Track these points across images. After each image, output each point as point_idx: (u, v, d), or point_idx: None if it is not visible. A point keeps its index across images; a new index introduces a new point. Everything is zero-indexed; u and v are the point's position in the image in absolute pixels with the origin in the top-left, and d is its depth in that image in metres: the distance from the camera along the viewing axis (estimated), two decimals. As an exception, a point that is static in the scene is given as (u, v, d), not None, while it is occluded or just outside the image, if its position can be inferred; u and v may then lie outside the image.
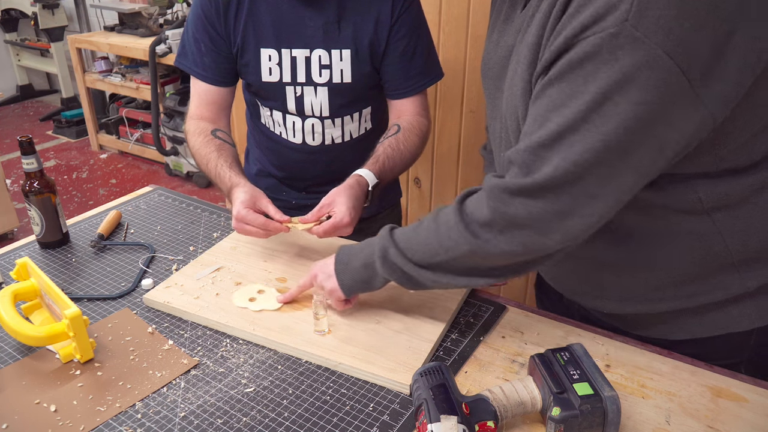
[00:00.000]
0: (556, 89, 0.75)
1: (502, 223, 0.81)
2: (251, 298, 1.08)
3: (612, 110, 0.71)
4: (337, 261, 1.01)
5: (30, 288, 1.03)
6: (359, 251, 0.98)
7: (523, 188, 0.78)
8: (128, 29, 3.94)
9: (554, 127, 0.75)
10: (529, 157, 0.78)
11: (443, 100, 2.15)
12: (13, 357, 0.97)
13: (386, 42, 1.28)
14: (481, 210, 0.83)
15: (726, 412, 0.84)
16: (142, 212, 1.42)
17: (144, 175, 3.99)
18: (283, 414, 0.85)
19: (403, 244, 0.92)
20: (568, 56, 0.72)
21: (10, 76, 5.24)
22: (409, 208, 2.36)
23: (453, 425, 0.73)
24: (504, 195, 0.80)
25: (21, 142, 1.19)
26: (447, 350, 0.97)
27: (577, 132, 0.73)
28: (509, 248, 0.82)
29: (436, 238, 0.88)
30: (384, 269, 0.94)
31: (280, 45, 1.27)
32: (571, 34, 0.71)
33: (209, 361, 0.95)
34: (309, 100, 1.31)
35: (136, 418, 0.85)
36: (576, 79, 0.72)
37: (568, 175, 0.75)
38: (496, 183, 0.81)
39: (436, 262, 0.89)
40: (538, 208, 0.78)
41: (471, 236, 0.84)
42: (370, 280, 0.97)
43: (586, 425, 0.76)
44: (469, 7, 1.97)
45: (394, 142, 1.29)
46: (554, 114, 0.75)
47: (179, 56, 1.36)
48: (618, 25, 0.67)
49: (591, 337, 0.99)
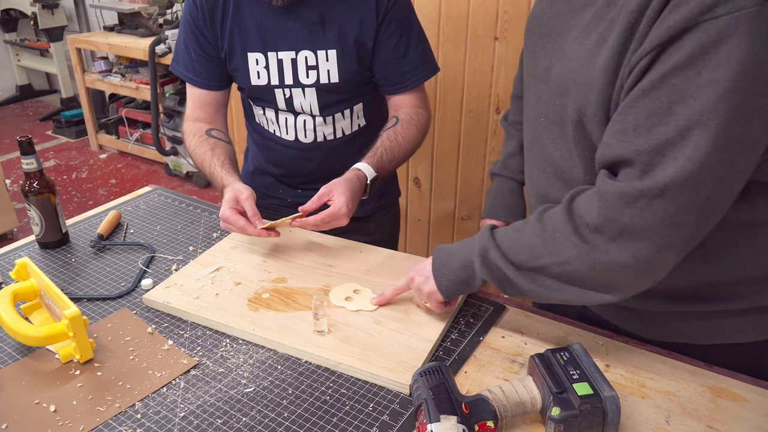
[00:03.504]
0: (682, 78, 0.68)
1: (614, 231, 0.75)
2: (347, 297, 1.07)
3: (744, 99, 0.65)
4: (434, 262, 0.96)
5: (29, 288, 1.03)
6: (457, 251, 0.94)
7: (642, 192, 0.72)
8: (128, 29, 3.94)
9: (682, 121, 0.68)
10: (657, 157, 0.71)
11: (443, 100, 2.15)
12: (13, 357, 0.97)
13: (375, 40, 1.27)
14: (590, 213, 0.77)
15: (726, 412, 0.84)
16: (142, 212, 1.41)
17: (144, 175, 3.99)
18: (282, 414, 0.85)
19: (504, 245, 0.87)
20: (693, 38, 0.66)
21: (9, 76, 5.24)
22: (409, 208, 2.36)
23: (453, 425, 0.73)
24: (619, 202, 0.74)
25: (20, 142, 1.19)
26: (447, 350, 0.97)
27: (706, 126, 0.67)
28: (619, 258, 0.76)
29: (541, 240, 0.83)
30: (483, 270, 0.89)
31: (265, 48, 1.27)
32: (697, 10, 0.64)
33: (209, 361, 0.95)
34: (298, 101, 1.31)
35: (136, 418, 0.85)
36: (707, 65, 0.65)
37: (694, 176, 0.69)
38: (612, 188, 0.75)
39: (539, 266, 0.83)
40: (657, 214, 0.72)
41: (580, 240, 0.78)
42: (469, 281, 0.92)
43: (585, 425, 0.76)
44: (469, 7, 1.97)
45: (393, 135, 1.30)
46: (681, 106, 0.68)
47: (173, 62, 1.39)
48: (759, 4, 0.61)
49: (591, 337, 0.99)
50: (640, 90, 0.73)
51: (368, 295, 1.08)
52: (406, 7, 1.31)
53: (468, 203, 2.25)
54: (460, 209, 2.27)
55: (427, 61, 1.35)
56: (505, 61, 1.98)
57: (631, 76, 0.74)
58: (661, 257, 0.76)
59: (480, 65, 2.03)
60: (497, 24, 1.95)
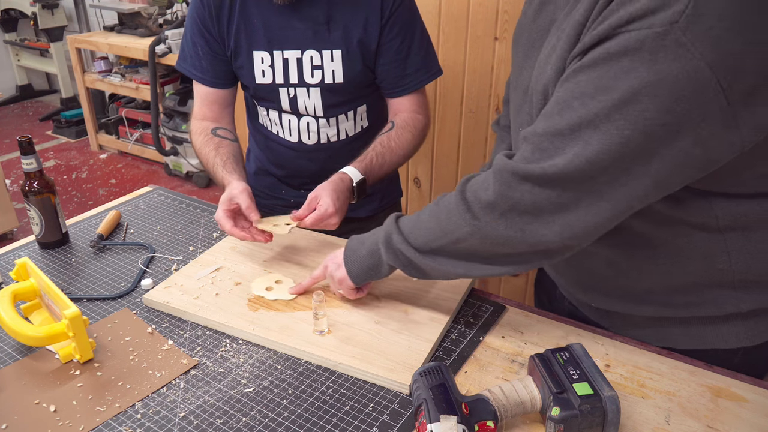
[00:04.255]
0: (586, 77, 0.71)
1: (505, 206, 0.80)
2: (268, 287, 1.10)
3: (638, 113, 0.68)
4: (346, 249, 1.01)
5: (29, 288, 1.03)
6: (367, 239, 0.99)
7: (531, 175, 0.76)
8: (128, 29, 3.94)
9: (575, 117, 0.72)
10: (544, 142, 0.75)
11: (443, 100, 2.15)
12: (13, 357, 0.97)
13: (378, 41, 1.27)
14: (486, 191, 0.82)
15: (726, 412, 0.84)
16: (142, 212, 1.41)
17: (143, 175, 3.98)
18: (282, 414, 0.85)
19: (406, 230, 0.92)
20: (606, 45, 0.69)
21: (9, 76, 5.24)
22: (409, 208, 2.36)
23: (453, 425, 0.73)
24: (512, 179, 0.78)
25: (20, 142, 1.19)
26: (447, 350, 0.97)
27: (597, 128, 0.70)
28: (507, 233, 0.81)
29: (437, 222, 0.88)
30: (388, 255, 0.94)
31: (271, 47, 1.27)
32: (616, 23, 0.67)
33: (209, 361, 0.95)
34: (302, 100, 1.31)
35: (136, 418, 0.85)
36: (608, 71, 0.69)
37: (579, 171, 0.73)
38: (505, 165, 0.79)
39: (437, 247, 0.88)
40: (543, 197, 0.76)
41: (471, 218, 0.83)
42: (377, 267, 0.97)
43: (585, 425, 0.76)
44: (469, 7, 1.97)
45: (386, 140, 1.30)
46: (578, 103, 0.72)
47: (180, 59, 1.38)
48: (666, 26, 0.63)
49: (591, 337, 0.99)
50: (558, 84, 0.77)
51: (289, 285, 1.10)
52: (411, 9, 1.31)
53: (468, 203, 2.24)
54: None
55: (430, 64, 1.35)
56: (505, 61, 1.98)
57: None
58: (546, 235, 0.79)
59: (480, 65, 2.03)
60: (497, 24, 1.95)
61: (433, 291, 1.08)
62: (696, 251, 0.85)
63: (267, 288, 1.10)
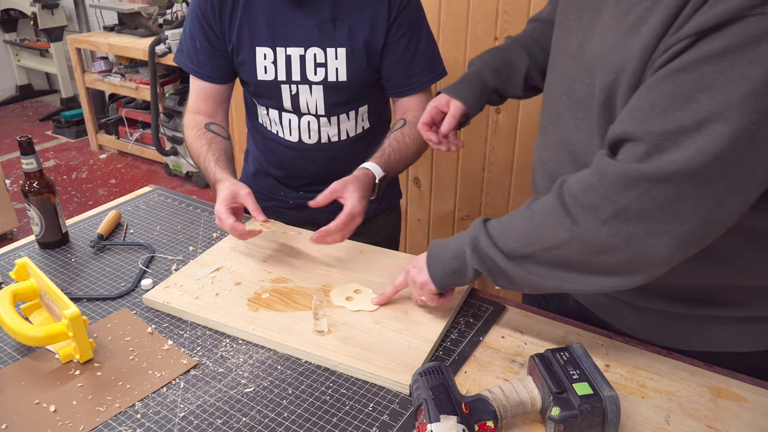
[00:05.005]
0: (713, 67, 0.64)
1: (610, 211, 0.73)
2: (348, 297, 1.08)
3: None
4: (429, 253, 0.97)
5: (29, 288, 1.03)
6: (451, 242, 0.93)
7: (644, 175, 0.70)
8: (128, 29, 3.94)
9: (702, 112, 0.65)
10: (666, 142, 0.68)
11: (443, 100, 2.15)
12: (13, 357, 0.97)
13: (384, 41, 1.27)
14: (586, 193, 0.75)
15: (726, 412, 0.84)
16: (142, 212, 1.41)
17: (143, 175, 3.99)
18: (282, 414, 0.85)
19: (495, 233, 0.86)
20: (737, 29, 0.62)
21: (9, 76, 5.24)
22: (409, 208, 2.36)
23: (452, 425, 0.73)
24: (618, 182, 0.72)
25: (20, 142, 1.19)
26: (447, 350, 0.97)
27: (726, 122, 0.64)
28: (611, 240, 0.74)
29: (530, 226, 0.82)
30: (474, 259, 0.88)
31: (275, 43, 1.27)
32: (748, 2, 0.61)
33: (209, 361, 0.95)
34: (304, 98, 1.31)
35: (136, 418, 0.85)
36: (742, 59, 0.62)
37: (702, 170, 0.66)
38: (613, 167, 0.73)
39: (528, 253, 0.82)
40: (656, 200, 0.69)
41: (571, 222, 0.77)
42: (461, 271, 0.91)
43: (585, 425, 0.76)
44: (469, 7, 1.97)
45: (400, 136, 1.30)
46: (706, 96, 0.65)
47: (177, 53, 1.38)
48: None
49: (591, 337, 0.99)
50: (668, 71, 0.69)
51: (369, 295, 1.08)
52: (417, 9, 1.31)
53: (468, 203, 2.25)
54: (460, 209, 2.27)
55: (435, 64, 1.35)
56: (505, 61, 1.98)
57: (663, 57, 0.70)
58: (654, 246, 0.73)
59: (480, 65, 2.03)
60: (497, 24, 1.95)
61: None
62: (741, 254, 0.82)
63: (347, 298, 1.07)
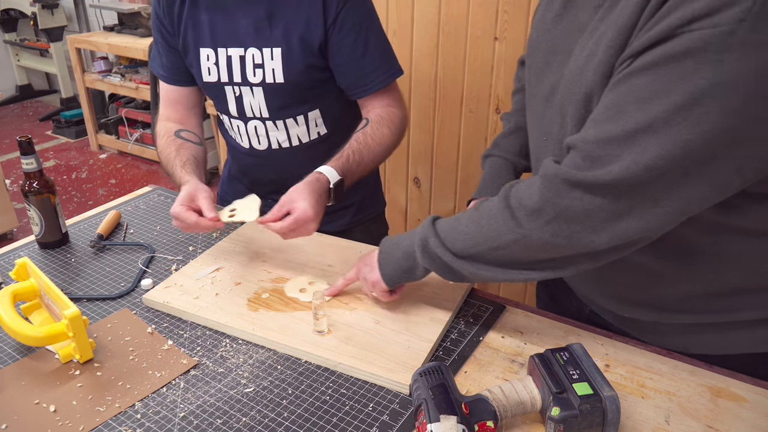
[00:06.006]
0: (643, 80, 0.68)
1: (552, 213, 0.77)
2: (302, 289, 1.09)
3: (700, 117, 0.64)
4: (380, 252, 1.00)
5: (29, 288, 1.03)
6: (401, 241, 0.97)
7: (583, 182, 0.73)
8: (127, 29, 3.95)
9: (632, 123, 0.69)
10: (597, 149, 0.72)
11: (443, 100, 2.15)
12: (13, 357, 0.97)
13: (325, 40, 1.22)
14: (531, 197, 0.79)
15: (725, 412, 0.84)
16: (142, 212, 1.41)
17: (143, 175, 3.99)
18: (282, 414, 0.85)
19: (443, 234, 0.90)
20: (666, 46, 0.65)
21: (9, 76, 5.24)
22: (409, 208, 2.36)
23: (452, 425, 0.73)
24: (561, 185, 0.76)
25: (20, 142, 1.19)
26: (447, 350, 0.97)
27: (656, 134, 0.67)
28: (554, 240, 0.78)
29: (477, 228, 0.85)
30: (424, 259, 0.92)
31: (216, 44, 1.26)
32: (675, 23, 0.64)
33: (209, 361, 0.95)
34: (248, 100, 1.29)
35: (136, 418, 0.85)
36: (669, 74, 0.65)
37: (635, 178, 0.70)
38: (555, 171, 0.76)
39: (476, 253, 0.86)
40: (595, 204, 0.74)
41: (515, 225, 0.80)
42: (412, 269, 0.95)
43: (585, 425, 0.76)
44: (469, 7, 1.97)
45: (362, 137, 1.24)
46: (634, 108, 0.69)
47: (150, 60, 1.39)
48: (733, 24, 0.60)
49: (591, 337, 0.99)
50: (609, 86, 0.74)
51: (323, 287, 1.09)
52: (363, 7, 1.25)
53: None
54: (460, 209, 2.27)
55: (389, 62, 1.29)
56: (504, 61, 1.98)
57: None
58: (594, 242, 0.76)
59: (480, 65, 2.03)
60: (497, 24, 1.95)
61: (433, 291, 1.08)
62: (740, 256, 0.83)
63: (301, 290, 1.09)
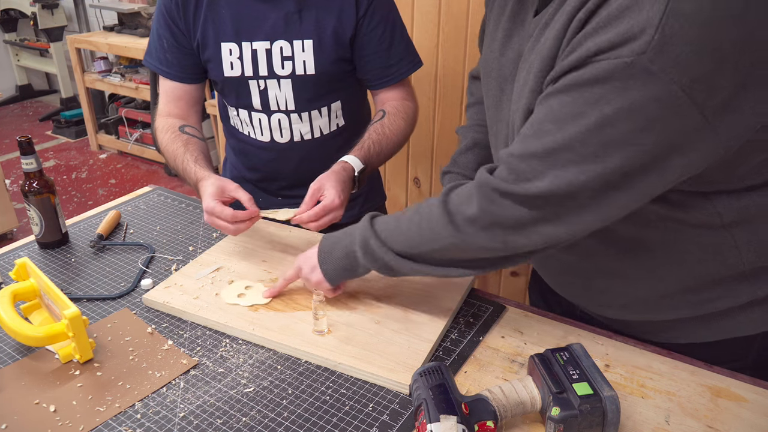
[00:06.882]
0: (559, 102, 0.73)
1: (487, 220, 0.82)
2: (240, 294, 1.08)
3: (613, 137, 0.69)
4: (319, 251, 1.01)
5: (29, 288, 1.03)
6: (340, 240, 0.99)
7: (511, 194, 0.78)
8: (127, 29, 3.94)
9: (550, 141, 0.74)
10: (521, 165, 0.77)
11: (443, 100, 2.15)
12: (13, 357, 0.97)
13: (355, 32, 1.26)
14: (469, 205, 0.83)
15: (726, 412, 0.84)
16: (142, 212, 1.41)
17: (143, 175, 3.98)
18: (282, 414, 0.85)
19: (384, 235, 0.93)
20: (577, 73, 0.70)
21: (9, 76, 5.24)
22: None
23: (452, 425, 0.73)
24: (494, 194, 0.80)
25: (20, 142, 1.19)
26: (446, 350, 0.97)
27: (573, 152, 0.72)
28: (490, 245, 0.84)
29: (417, 230, 0.89)
30: (365, 259, 0.95)
31: (239, 38, 1.26)
32: (584, 54, 0.69)
33: (209, 361, 0.95)
34: (273, 93, 1.30)
35: (136, 418, 0.85)
36: (580, 98, 0.70)
37: (560, 191, 0.74)
38: (487, 180, 0.81)
39: (417, 253, 0.91)
40: (524, 213, 0.78)
41: (454, 230, 0.85)
42: (353, 268, 0.98)
43: (585, 425, 0.76)
44: (469, 7, 1.97)
45: (380, 127, 1.29)
46: (553, 127, 0.73)
47: (146, 55, 1.37)
48: (634, 56, 0.64)
49: (591, 337, 0.99)
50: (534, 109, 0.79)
51: (260, 290, 1.09)
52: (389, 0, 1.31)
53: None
54: (460, 209, 2.27)
55: (412, 53, 1.35)
56: (504, 61, 1.98)
57: None
58: (530, 245, 0.82)
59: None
60: (497, 24, 1.94)
61: (433, 291, 1.08)
62: (703, 250, 0.85)
63: (239, 295, 1.08)
